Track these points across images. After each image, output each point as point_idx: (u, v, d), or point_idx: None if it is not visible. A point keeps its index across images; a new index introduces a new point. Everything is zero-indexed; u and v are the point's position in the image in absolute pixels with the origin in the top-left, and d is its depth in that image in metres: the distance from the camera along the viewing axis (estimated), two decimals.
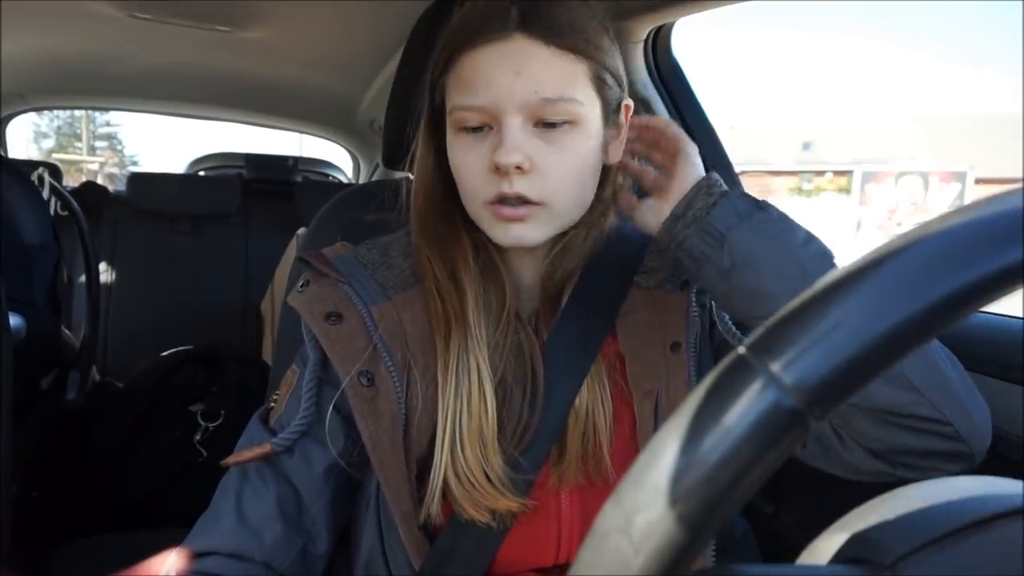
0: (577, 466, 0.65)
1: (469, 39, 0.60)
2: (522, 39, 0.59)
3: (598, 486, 0.65)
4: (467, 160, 0.62)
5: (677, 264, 0.63)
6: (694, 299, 0.67)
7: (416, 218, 0.69)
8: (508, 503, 0.61)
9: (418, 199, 0.69)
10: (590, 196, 0.65)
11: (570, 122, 0.60)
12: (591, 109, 0.62)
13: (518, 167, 0.59)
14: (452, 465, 0.61)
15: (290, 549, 0.64)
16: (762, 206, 0.59)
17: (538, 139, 0.60)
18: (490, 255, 0.68)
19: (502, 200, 0.61)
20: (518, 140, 0.59)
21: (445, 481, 0.62)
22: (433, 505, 0.63)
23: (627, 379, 0.67)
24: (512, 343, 0.66)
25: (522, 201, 0.60)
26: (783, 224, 0.59)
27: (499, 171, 0.59)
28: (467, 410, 0.62)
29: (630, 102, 0.67)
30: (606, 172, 0.67)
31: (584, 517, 0.66)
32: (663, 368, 0.66)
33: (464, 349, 0.63)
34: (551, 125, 0.60)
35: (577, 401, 0.65)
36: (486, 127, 0.61)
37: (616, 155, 0.67)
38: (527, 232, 0.62)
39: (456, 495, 0.62)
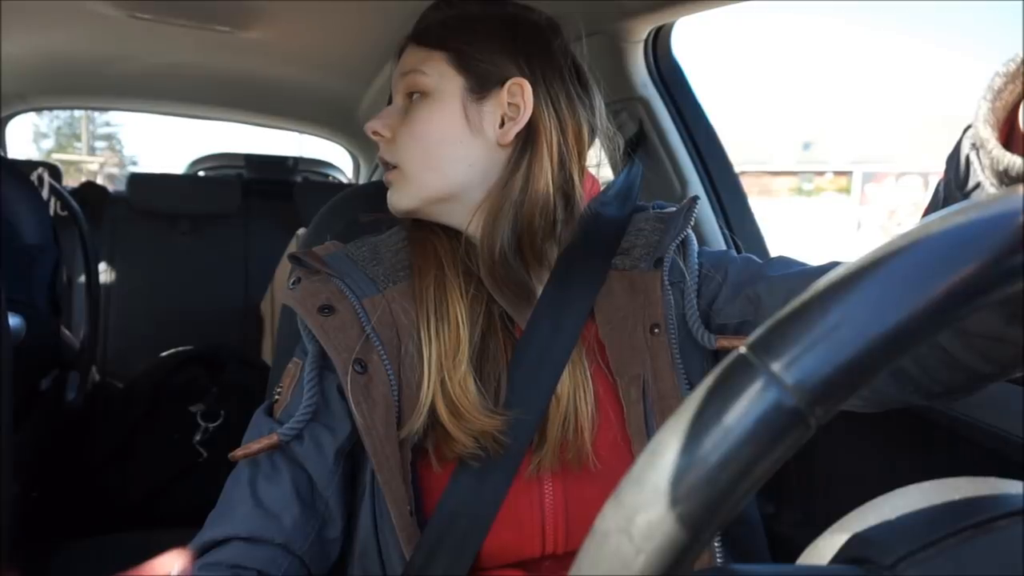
0: (555, 452, 0.66)
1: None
2: (409, 45, 0.73)
3: (579, 473, 0.66)
4: None
5: None
6: (666, 277, 0.68)
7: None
8: (491, 422, 0.64)
9: None
10: (452, 164, 0.69)
11: (423, 93, 0.70)
12: (444, 83, 0.69)
13: (376, 133, 0.72)
14: (441, 392, 0.64)
15: (307, 532, 0.65)
16: None
17: (403, 114, 0.71)
18: (460, 245, 0.72)
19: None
20: (386, 114, 0.72)
21: (434, 411, 0.64)
22: (420, 422, 0.64)
23: (608, 364, 0.68)
24: (484, 310, 0.69)
25: (389, 166, 0.72)
26: None
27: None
28: (448, 342, 0.66)
29: (523, 81, 0.69)
30: (513, 153, 0.70)
31: (568, 504, 0.67)
32: (646, 353, 0.67)
33: (442, 294, 0.68)
34: (411, 99, 0.71)
35: (559, 388, 0.66)
36: None
37: (509, 135, 0.69)
38: (392, 195, 0.72)
39: (446, 422, 0.64)
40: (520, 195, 0.68)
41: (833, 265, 0.64)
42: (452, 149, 0.69)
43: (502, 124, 0.69)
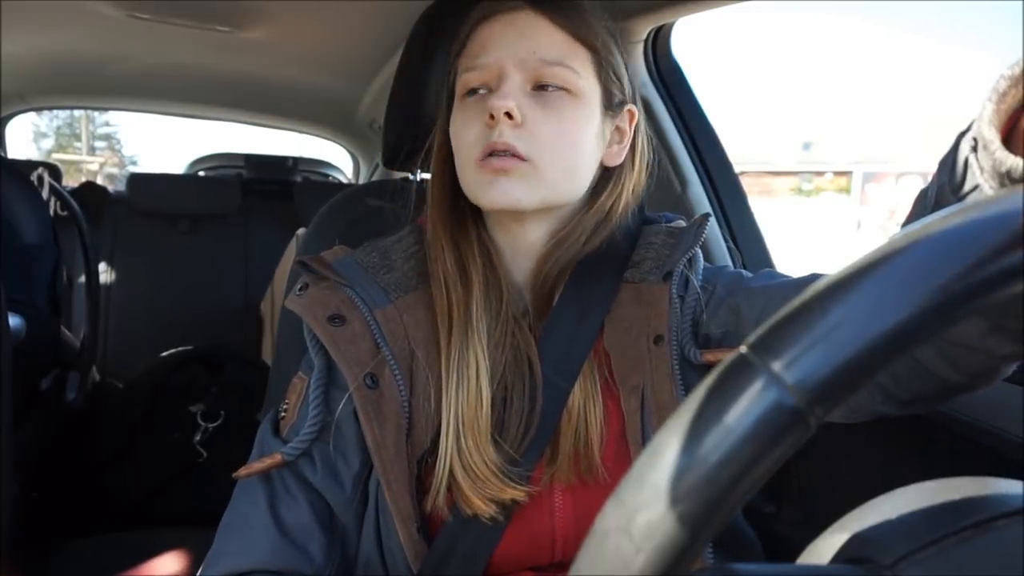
0: (569, 466, 0.65)
1: (483, 15, 0.67)
2: (530, 12, 0.65)
3: (589, 484, 0.66)
4: (464, 120, 0.65)
5: None
6: (674, 291, 0.68)
7: (433, 205, 0.71)
8: (514, 492, 0.62)
9: (435, 187, 0.71)
10: (581, 176, 0.67)
11: (567, 90, 0.64)
12: (589, 87, 0.65)
13: (508, 114, 0.62)
14: (458, 457, 0.62)
15: (333, 557, 0.64)
16: None
17: (534, 101, 0.64)
18: (489, 253, 0.69)
19: (492, 154, 0.63)
20: (513, 92, 0.63)
21: (452, 474, 0.62)
22: (439, 498, 0.63)
23: (614, 375, 0.67)
24: (511, 343, 0.66)
25: (511, 155, 0.62)
26: None
27: (491, 121, 0.62)
28: (466, 403, 0.63)
29: (635, 109, 0.70)
30: (606, 176, 0.70)
31: (577, 514, 0.66)
32: (647, 362, 0.66)
33: (464, 344, 0.64)
34: (547, 88, 0.64)
35: (569, 400, 0.65)
36: (485, 87, 0.65)
37: (618, 159, 0.70)
38: (512, 188, 0.63)
39: (463, 487, 0.62)
40: (600, 220, 0.68)
41: (815, 276, 0.64)
42: (586, 161, 0.67)
43: (607, 145, 0.69)
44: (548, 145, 0.63)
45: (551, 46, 0.64)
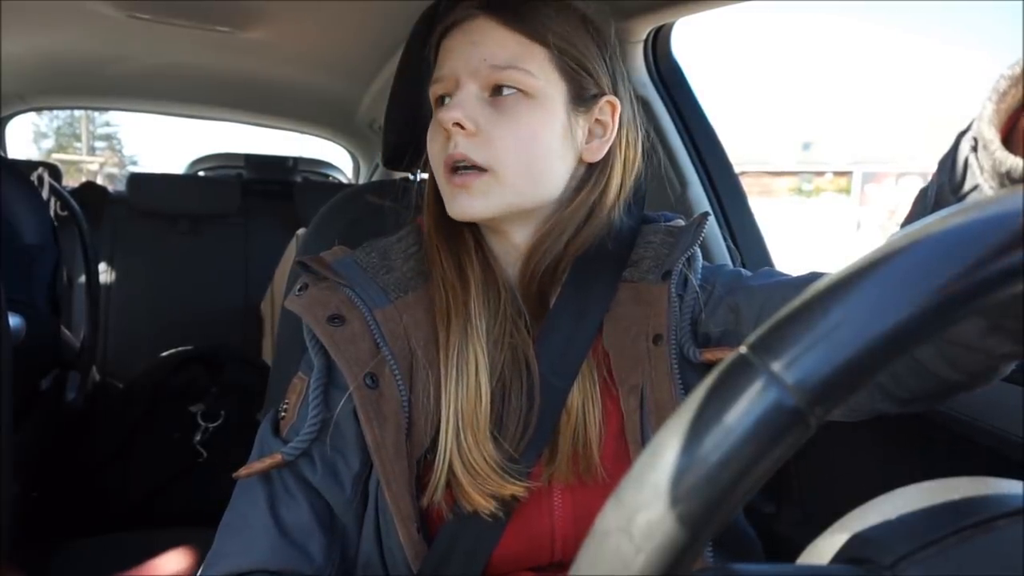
0: (568, 465, 0.65)
1: (445, 26, 0.68)
2: (484, 19, 0.65)
3: (588, 484, 0.66)
4: (433, 132, 0.67)
5: None
6: (673, 290, 0.67)
7: (428, 211, 0.71)
8: (513, 488, 0.62)
9: (429, 193, 0.72)
10: (550, 177, 0.66)
11: (522, 92, 0.64)
12: (550, 87, 0.65)
13: (458, 124, 0.63)
14: (458, 453, 0.62)
15: (333, 558, 0.65)
16: None
17: (490, 107, 0.64)
18: (485, 256, 0.70)
19: (453, 168, 0.64)
20: (464, 102, 0.64)
21: (451, 470, 0.62)
22: (438, 494, 0.63)
23: (612, 375, 0.67)
24: (509, 342, 0.67)
25: (470, 168, 0.64)
26: None
27: (447, 133, 0.64)
28: (466, 399, 0.63)
29: (615, 100, 0.69)
30: (590, 172, 0.69)
31: (577, 514, 0.67)
32: (647, 362, 0.66)
33: (464, 341, 0.65)
34: (501, 93, 0.64)
35: (568, 400, 0.65)
36: (447, 97, 0.66)
37: (599, 153, 0.69)
38: (471, 202, 0.64)
39: (463, 483, 0.62)
40: (584, 217, 0.67)
41: (814, 275, 0.64)
42: (553, 162, 0.66)
43: (586, 140, 0.68)
44: (506, 151, 0.63)
45: (501, 50, 0.64)
